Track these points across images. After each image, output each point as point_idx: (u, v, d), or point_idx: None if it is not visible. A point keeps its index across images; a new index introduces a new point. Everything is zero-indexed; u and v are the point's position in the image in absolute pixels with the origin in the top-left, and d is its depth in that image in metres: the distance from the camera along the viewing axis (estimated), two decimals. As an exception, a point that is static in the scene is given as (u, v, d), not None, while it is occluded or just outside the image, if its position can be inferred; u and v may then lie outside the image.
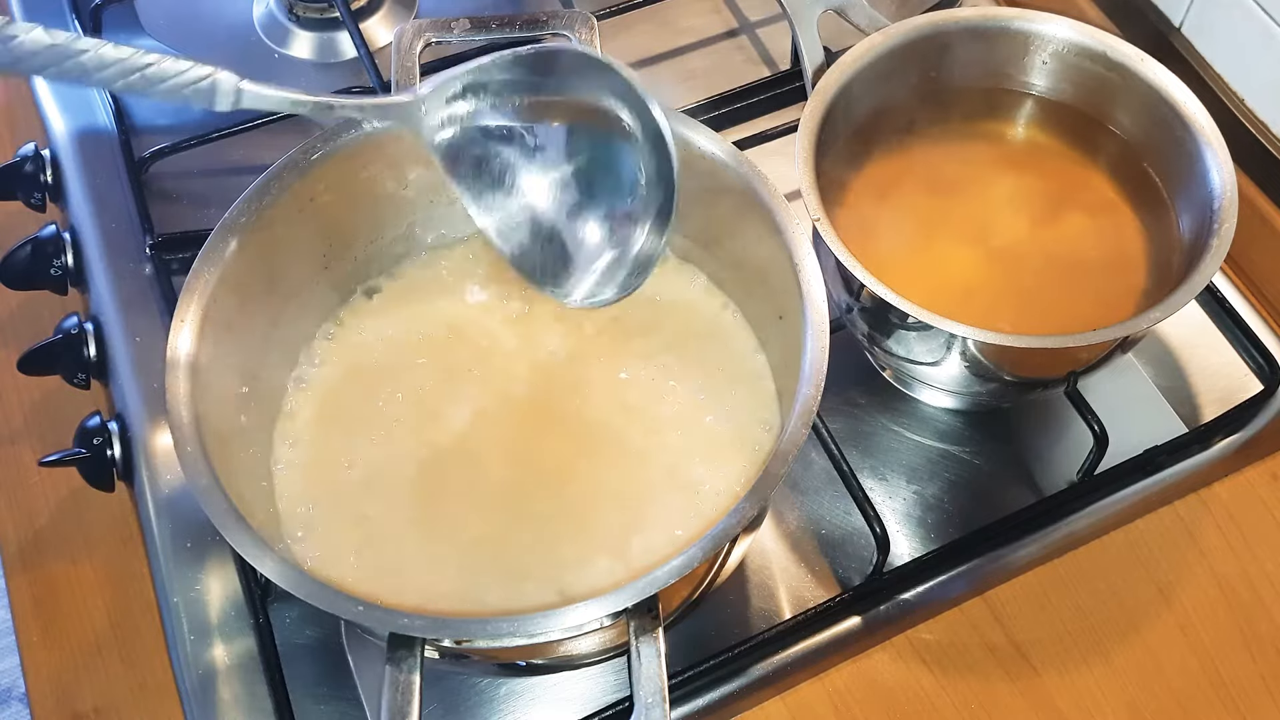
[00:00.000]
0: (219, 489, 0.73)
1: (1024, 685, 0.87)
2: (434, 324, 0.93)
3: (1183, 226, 0.94)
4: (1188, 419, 1.00)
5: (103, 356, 1.01)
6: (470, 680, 0.88)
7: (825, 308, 0.79)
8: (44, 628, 0.93)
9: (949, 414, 1.00)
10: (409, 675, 0.68)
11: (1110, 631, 0.89)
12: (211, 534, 0.85)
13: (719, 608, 0.91)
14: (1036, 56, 0.99)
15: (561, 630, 0.71)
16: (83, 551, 0.96)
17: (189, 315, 0.79)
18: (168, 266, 1.04)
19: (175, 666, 0.89)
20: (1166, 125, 0.94)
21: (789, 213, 0.83)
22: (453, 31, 0.92)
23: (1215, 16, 1.10)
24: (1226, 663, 0.88)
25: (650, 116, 0.77)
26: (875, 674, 0.87)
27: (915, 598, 0.91)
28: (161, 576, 0.92)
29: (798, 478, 0.96)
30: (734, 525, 0.71)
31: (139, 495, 0.95)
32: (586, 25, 0.92)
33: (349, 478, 0.86)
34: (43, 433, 1.02)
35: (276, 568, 0.71)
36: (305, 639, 0.90)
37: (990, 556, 0.93)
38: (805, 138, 0.91)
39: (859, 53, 0.97)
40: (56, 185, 1.12)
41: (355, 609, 0.69)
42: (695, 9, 1.27)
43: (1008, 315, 0.92)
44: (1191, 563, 0.92)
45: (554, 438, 0.88)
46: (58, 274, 1.05)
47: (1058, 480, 0.97)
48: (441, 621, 0.73)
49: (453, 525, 0.84)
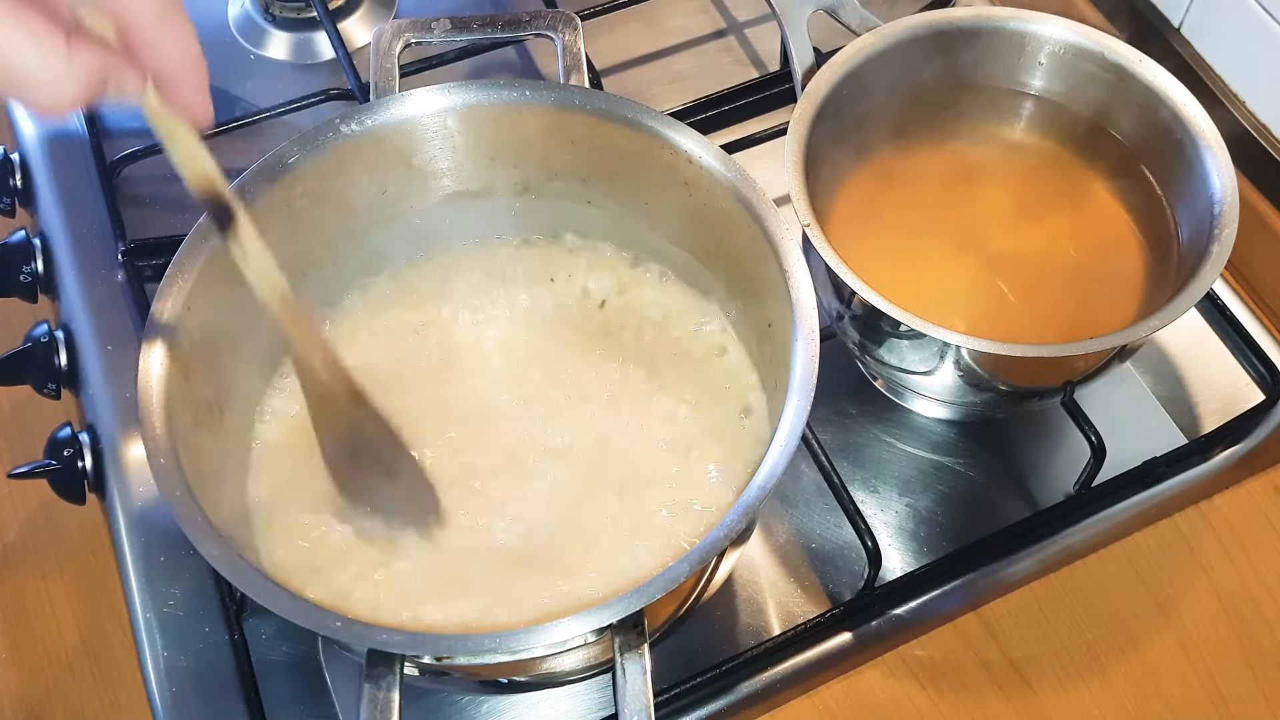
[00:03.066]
0: (193, 501, 0.72)
1: (1020, 703, 0.87)
2: (413, 334, 0.92)
3: (1182, 231, 0.93)
4: (1187, 429, 0.99)
5: (74, 366, 1.00)
6: (450, 698, 0.87)
7: (815, 315, 0.78)
8: (12, 644, 0.92)
9: (942, 424, 1.00)
10: (387, 693, 0.67)
11: (1108, 648, 0.89)
12: (185, 547, 0.83)
13: (706, 623, 0.90)
14: (1032, 57, 0.99)
15: (544, 646, 0.70)
16: (53, 565, 0.95)
17: (162, 324, 0.77)
18: (140, 273, 1.03)
19: (148, 683, 0.88)
20: (1165, 127, 0.94)
21: (778, 218, 0.82)
22: (433, 32, 0.91)
23: (1215, 16, 1.10)
24: (1227, 680, 0.88)
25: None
26: (866, 691, 0.87)
27: (908, 613, 0.90)
28: (134, 591, 0.91)
29: (787, 490, 0.96)
30: (721, 539, 0.70)
31: (110, 508, 0.94)
32: (570, 26, 0.92)
33: (327, 490, 0.84)
34: (12, 444, 1.01)
35: (252, 582, 0.70)
36: (281, 655, 0.89)
37: (985, 571, 0.92)
38: (795, 141, 0.90)
39: (850, 54, 0.96)
40: (26, 190, 1.11)
41: (333, 624, 0.68)
42: (682, 9, 1.27)
43: (1002, 323, 0.91)
44: (1191, 577, 0.91)
45: (537, 450, 0.86)
46: (27, 281, 1.05)
47: (1054, 492, 0.96)
48: (421, 638, 0.72)
49: (432, 541, 0.83)
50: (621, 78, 1.21)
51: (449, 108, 0.87)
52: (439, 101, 0.87)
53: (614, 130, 0.86)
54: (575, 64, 0.91)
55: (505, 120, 0.88)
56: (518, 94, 0.87)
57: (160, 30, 0.61)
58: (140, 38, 0.61)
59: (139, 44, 0.61)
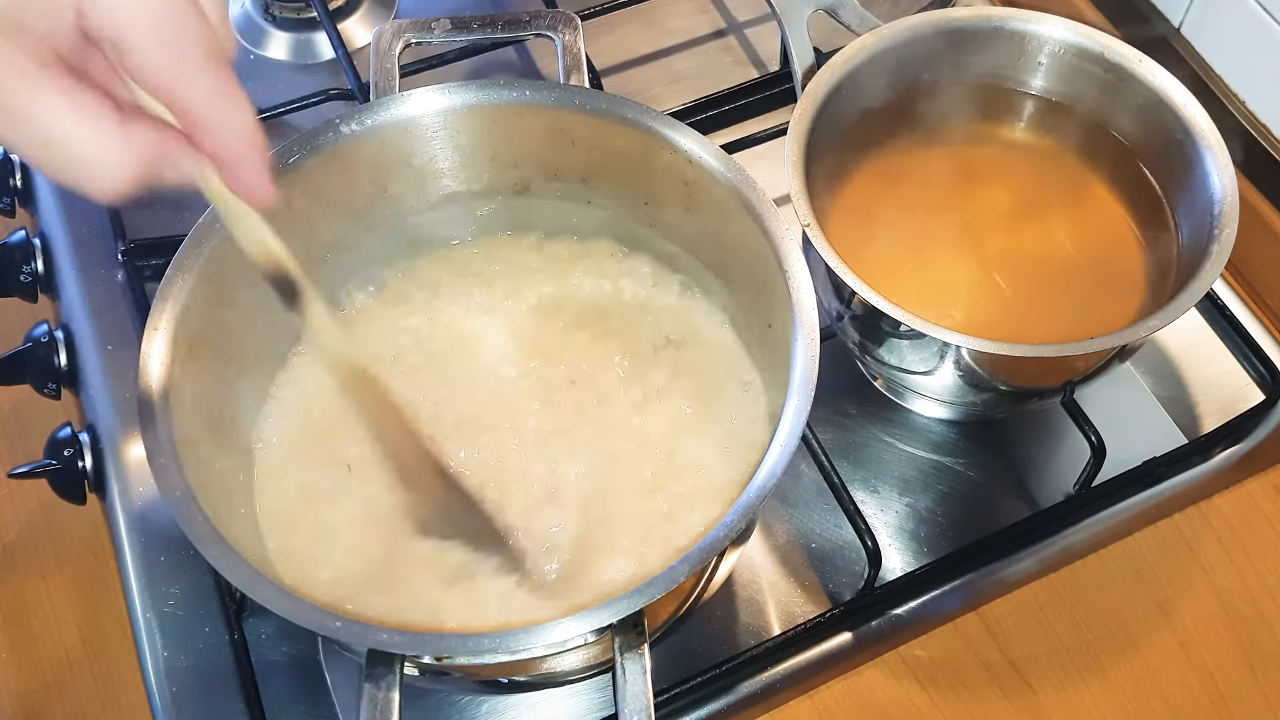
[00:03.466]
0: (193, 501, 0.72)
1: (1020, 703, 0.86)
2: (415, 333, 0.91)
3: (1182, 232, 0.93)
4: (1187, 429, 0.99)
5: (74, 365, 1.00)
6: (450, 698, 0.87)
7: (815, 316, 0.78)
8: (12, 644, 0.92)
9: (942, 424, 0.99)
10: (387, 693, 0.67)
11: (1108, 648, 0.88)
12: (185, 547, 0.82)
13: (706, 623, 0.90)
14: (1033, 58, 0.99)
15: (544, 646, 0.70)
16: (53, 566, 0.95)
17: (162, 324, 0.77)
18: (140, 273, 1.03)
19: (148, 684, 0.88)
20: (1165, 128, 0.94)
21: (778, 218, 0.81)
22: (433, 32, 0.91)
23: (1215, 16, 1.09)
24: (1227, 680, 0.87)
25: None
26: (866, 691, 0.87)
27: (908, 613, 0.90)
28: (134, 591, 0.91)
29: (787, 490, 0.95)
30: (721, 539, 0.70)
31: (111, 508, 0.94)
32: (570, 26, 0.91)
33: (328, 489, 0.84)
34: (12, 444, 1.01)
35: (252, 582, 0.69)
36: (281, 655, 0.89)
37: (985, 571, 0.92)
38: (795, 141, 0.90)
39: (850, 54, 0.96)
40: (26, 190, 1.11)
41: (333, 625, 0.68)
42: (682, 9, 1.27)
43: (1003, 323, 0.91)
44: (1191, 577, 0.91)
45: (539, 449, 0.86)
46: (27, 281, 1.04)
47: (1054, 493, 0.96)
48: (421, 638, 0.72)
49: (435, 539, 0.82)
50: (621, 78, 1.21)
51: (449, 108, 0.87)
52: (439, 101, 0.86)
53: (614, 130, 0.86)
54: (575, 64, 0.91)
55: (505, 120, 0.88)
56: (518, 94, 0.87)
57: (216, 112, 0.58)
58: (196, 121, 0.58)
59: (194, 127, 0.58)
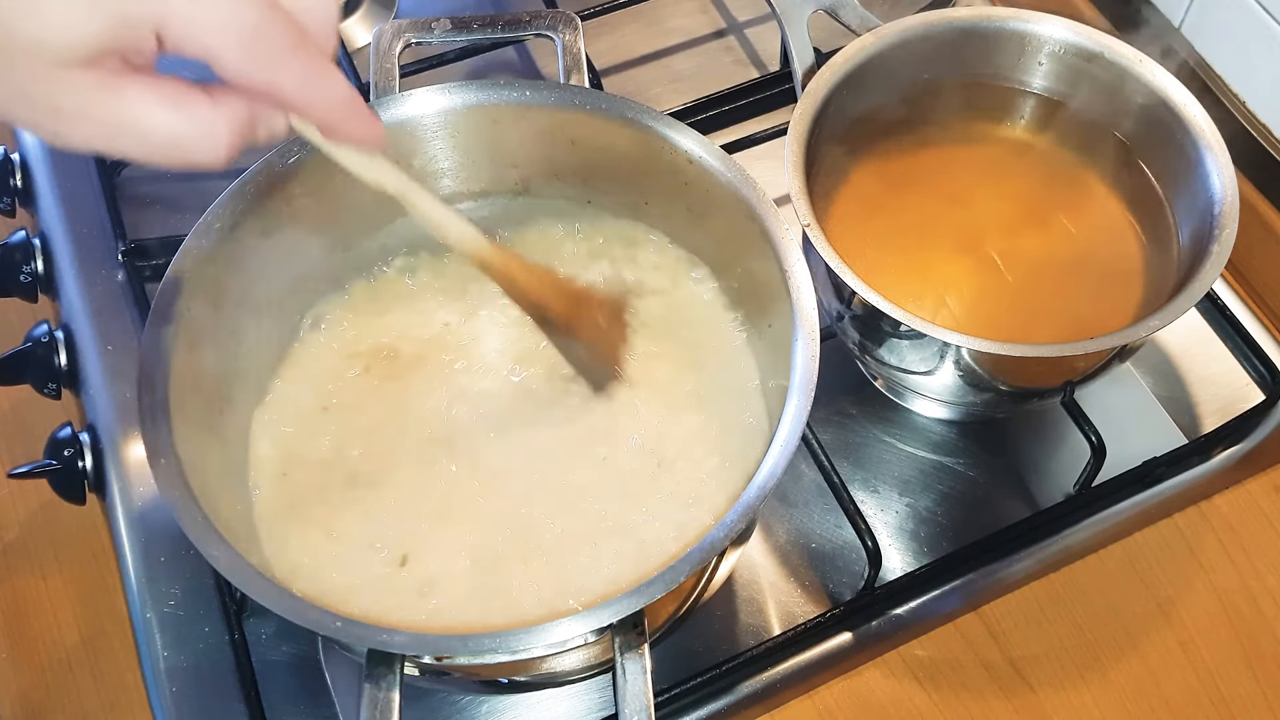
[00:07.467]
0: (193, 501, 0.72)
1: (1020, 703, 0.86)
2: (412, 331, 0.91)
3: (1182, 232, 0.93)
4: (1187, 430, 0.99)
5: (74, 365, 1.00)
6: (451, 698, 0.87)
7: (815, 316, 0.78)
8: (12, 644, 0.92)
9: (942, 425, 0.99)
10: (388, 693, 0.67)
11: (1108, 648, 0.88)
12: (185, 547, 0.82)
13: (706, 623, 0.90)
14: (1032, 58, 0.98)
15: (544, 646, 0.70)
16: (53, 565, 0.95)
17: (162, 323, 0.77)
18: (140, 273, 1.03)
19: (148, 684, 0.88)
20: (1165, 128, 0.93)
21: (778, 218, 0.82)
22: (433, 32, 0.91)
23: (1215, 16, 1.09)
24: (1227, 680, 0.87)
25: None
26: (866, 691, 0.87)
27: (908, 613, 0.90)
28: (134, 591, 0.91)
29: (787, 490, 0.95)
30: (721, 539, 0.70)
31: (111, 508, 0.94)
32: (570, 26, 0.91)
33: (328, 489, 0.84)
34: (12, 444, 1.01)
35: (252, 582, 0.69)
36: (281, 655, 0.89)
37: (985, 571, 0.92)
38: (795, 141, 0.90)
39: (850, 54, 0.96)
40: (26, 190, 1.11)
41: (334, 625, 0.68)
42: (682, 9, 1.27)
43: (1003, 323, 0.91)
44: (1191, 577, 0.91)
45: (536, 449, 0.86)
46: (27, 281, 1.04)
47: (1054, 493, 0.96)
48: (422, 638, 0.72)
49: (434, 538, 0.82)
50: (621, 78, 1.21)
51: (449, 108, 0.87)
52: (439, 101, 0.86)
53: (614, 130, 0.86)
54: (575, 64, 0.91)
55: (505, 120, 0.88)
56: (518, 94, 0.87)
57: (308, 94, 0.59)
58: (294, 106, 0.60)
59: (293, 109, 0.61)
